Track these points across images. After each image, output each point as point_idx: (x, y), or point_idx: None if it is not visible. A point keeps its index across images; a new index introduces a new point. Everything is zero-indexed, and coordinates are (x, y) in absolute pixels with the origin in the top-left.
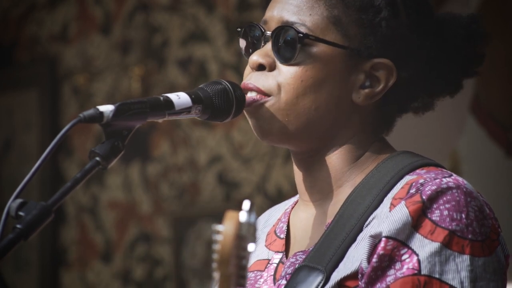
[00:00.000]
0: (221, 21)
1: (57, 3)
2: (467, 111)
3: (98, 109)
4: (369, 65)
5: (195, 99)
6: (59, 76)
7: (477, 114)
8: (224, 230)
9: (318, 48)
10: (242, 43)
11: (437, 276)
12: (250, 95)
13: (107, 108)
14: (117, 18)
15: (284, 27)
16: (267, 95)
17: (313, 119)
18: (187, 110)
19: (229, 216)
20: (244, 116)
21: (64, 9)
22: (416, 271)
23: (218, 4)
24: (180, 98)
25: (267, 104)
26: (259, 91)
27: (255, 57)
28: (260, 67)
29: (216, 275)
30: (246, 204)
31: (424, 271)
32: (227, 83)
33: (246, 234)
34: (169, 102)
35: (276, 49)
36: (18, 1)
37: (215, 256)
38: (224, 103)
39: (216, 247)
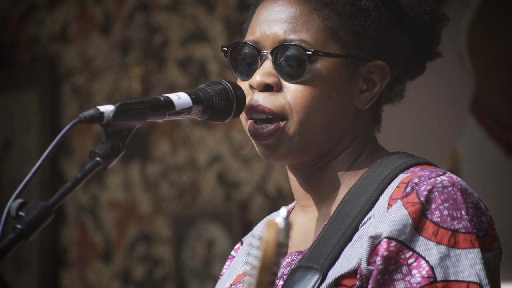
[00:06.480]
0: (221, 21)
1: (57, 3)
2: (467, 111)
3: (98, 109)
4: (365, 69)
5: (195, 99)
6: (59, 76)
7: (477, 114)
8: (266, 238)
9: (322, 62)
10: (230, 61)
11: (453, 278)
12: (261, 126)
13: (107, 108)
14: (117, 18)
15: (284, 45)
16: (280, 115)
17: (322, 133)
18: (187, 110)
19: (270, 224)
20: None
21: (64, 9)
22: (432, 279)
23: (218, 4)
24: (180, 98)
25: (283, 131)
26: (271, 112)
27: (259, 78)
28: (266, 88)
29: (252, 281)
30: (284, 211)
31: (439, 277)
32: (228, 83)
33: (284, 241)
34: (170, 102)
35: (279, 68)
36: (18, 1)
37: (257, 263)
38: (224, 103)
39: (258, 254)
